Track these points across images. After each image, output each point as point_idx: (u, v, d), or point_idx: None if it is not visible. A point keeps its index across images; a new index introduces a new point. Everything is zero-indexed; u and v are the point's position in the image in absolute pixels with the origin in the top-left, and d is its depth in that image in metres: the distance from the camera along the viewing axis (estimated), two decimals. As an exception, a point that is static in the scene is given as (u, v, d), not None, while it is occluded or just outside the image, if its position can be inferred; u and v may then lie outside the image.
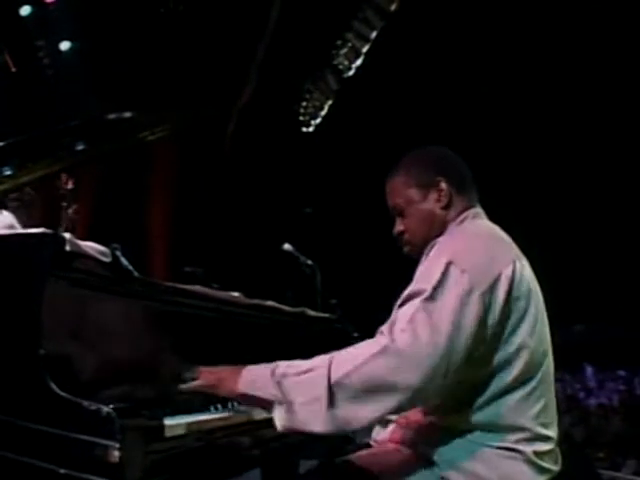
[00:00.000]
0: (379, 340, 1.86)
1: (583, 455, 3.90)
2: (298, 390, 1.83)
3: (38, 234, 1.75)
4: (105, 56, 10.51)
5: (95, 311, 1.78)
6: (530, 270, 2.14)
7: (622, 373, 9.49)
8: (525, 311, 2.04)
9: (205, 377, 1.92)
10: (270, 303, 2.83)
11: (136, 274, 4.56)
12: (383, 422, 2.20)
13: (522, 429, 1.98)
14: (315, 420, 1.80)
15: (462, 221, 2.23)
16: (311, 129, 10.73)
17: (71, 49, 10.80)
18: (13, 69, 10.88)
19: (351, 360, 1.82)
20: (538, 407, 2.02)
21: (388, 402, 1.82)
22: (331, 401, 1.79)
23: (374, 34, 9.01)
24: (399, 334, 1.84)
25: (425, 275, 1.96)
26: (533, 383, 2.03)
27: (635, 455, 6.69)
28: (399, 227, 2.30)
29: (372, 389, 1.80)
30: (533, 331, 2.05)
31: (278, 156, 10.89)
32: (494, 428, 1.96)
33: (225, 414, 1.93)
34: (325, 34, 9.45)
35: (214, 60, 10.25)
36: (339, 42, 9.43)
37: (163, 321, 2.02)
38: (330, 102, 10.27)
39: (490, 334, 1.96)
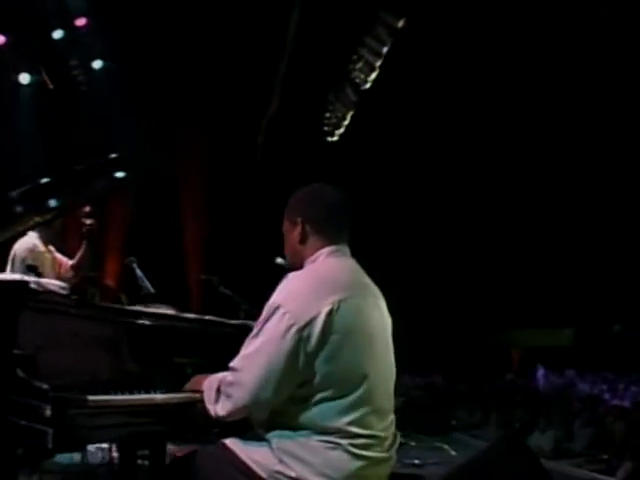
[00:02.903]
0: (233, 364, 2.89)
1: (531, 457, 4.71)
2: (210, 393, 2.90)
3: (13, 281, 3.08)
4: (136, 73, 11.78)
5: (51, 325, 3.05)
6: (367, 307, 2.92)
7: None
8: (342, 343, 2.76)
9: (193, 380, 3.16)
10: (208, 317, 4.08)
11: (150, 287, 5.87)
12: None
13: (340, 430, 2.81)
14: (211, 409, 2.89)
15: (315, 259, 2.96)
16: (335, 138, 11.90)
17: (103, 67, 12.01)
18: (50, 86, 12.35)
19: (222, 379, 2.90)
20: (356, 415, 2.79)
21: (227, 404, 2.86)
22: (216, 398, 2.88)
23: (385, 49, 10.14)
24: (235, 364, 2.86)
25: (263, 313, 2.88)
26: (351, 399, 2.78)
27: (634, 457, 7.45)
28: None
29: (221, 397, 2.87)
30: (352, 358, 2.79)
31: (306, 163, 12.12)
32: (319, 428, 2.81)
33: (134, 397, 3.17)
34: (341, 50, 10.62)
35: (241, 75, 11.51)
36: (354, 57, 10.61)
37: (100, 332, 3.29)
38: (351, 113, 11.44)
39: (307, 360, 2.74)
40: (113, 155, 4.69)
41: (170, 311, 4.83)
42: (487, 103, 10.32)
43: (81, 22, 11.18)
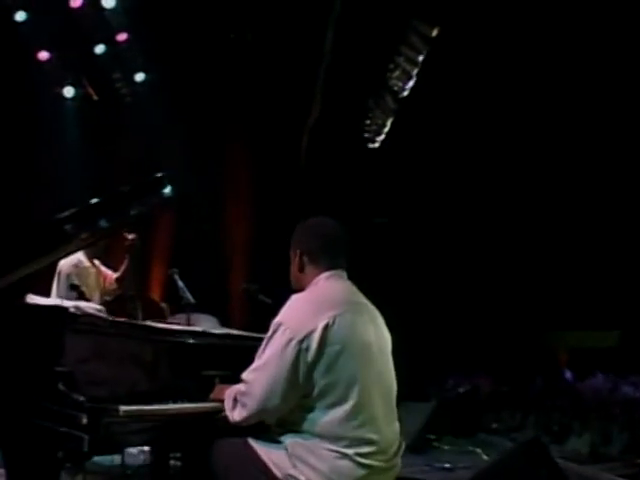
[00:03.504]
0: (244, 376, 3.38)
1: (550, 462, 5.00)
2: (229, 402, 3.39)
3: (54, 307, 3.65)
4: (179, 84, 12.32)
5: (89, 344, 3.58)
6: (370, 326, 3.41)
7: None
8: (338, 354, 3.21)
9: (216, 390, 3.71)
10: (234, 332, 4.60)
11: (190, 297, 6.41)
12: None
13: (345, 437, 3.19)
14: (229, 415, 3.39)
15: (316, 283, 3.45)
16: (376, 145, 12.36)
17: (146, 80, 12.60)
18: (95, 98, 12.98)
19: (238, 389, 3.39)
20: (357, 422, 3.21)
21: (242, 412, 3.36)
22: (233, 406, 3.38)
23: (421, 58, 10.60)
24: (246, 376, 3.36)
25: (269, 330, 3.36)
26: (348, 406, 3.20)
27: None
28: None
29: (237, 405, 3.36)
30: (345, 367, 3.22)
31: (349, 170, 12.61)
32: (326, 436, 3.24)
33: (163, 407, 3.69)
34: (378, 58, 11.09)
35: (282, 84, 12.02)
36: (391, 66, 11.07)
37: (133, 349, 3.81)
38: (391, 120, 11.89)
39: (308, 370, 3.19)
40: (158, 174, 5.22)
41: (209, 320, 5.40)
42: (523, 107, 10.64)
43: (122, 37, 11.73)
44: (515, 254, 11.94)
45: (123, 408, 3.36)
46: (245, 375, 3.37)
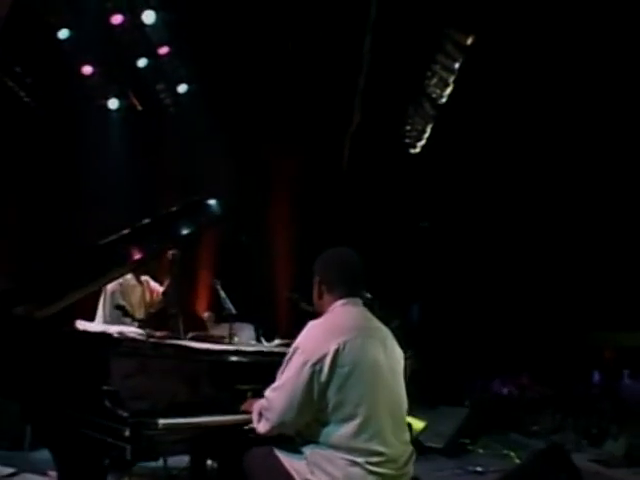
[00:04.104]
0: (267, 394, 3.92)
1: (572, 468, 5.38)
2: (255, 415, 3.94)
3: (101, 334, 4.29)
4: (221, 94, 12.92)
5: (132, 365, 4.20)
6: (380, 348, 3.91)
7: None
8: (348, 374, 3.70)
9: (247, 403, 4.24)
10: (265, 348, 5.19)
11: (231, 308, 7.07)
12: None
13: (356, 449, 3.69)
14: (256, 427, 3.94)
15: (332, 310, 3.97)
16: (417, 150, 12.90)
17: (188, 90, 13.25)
18: (139, 108, 13.65)
19: (262, 404, 3.93)
20: (366, 435, 3.71)
21: (265, 425, 3.91)
22: (258, 419, 3.95)
23: (457, 65, 11.12)
24: (269, 394, 3.90)
25: (289, 351, 3.92)
26: (357, 421, 3.70)
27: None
28: None
29: (262, 419, 3.91)
30: (355, 386, 3.70)
31: (391, 175, 13.15)
32: (340, 447, 3.75)
33: (199, 419, 4.29)
34: (415, 66, 11.63)
35: (322, 92, 12.59)
36: (428, 73, 11.61)
37: (171, 367, 4.42)
38: (431, 126, 12.43)
39: (321, 389, 3.69)
40: (206, 198, 5.80)
41: (249, 329, 5.98)
42: (556, 110, 11.07)
43: (163, 51, 12.36)
44: (559, 255, 12.27)
45: (162, 421, 3.94)
46: (267, 393, 3.91)
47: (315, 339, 3.83)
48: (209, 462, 5.27)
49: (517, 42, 10.43)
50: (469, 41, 10.57)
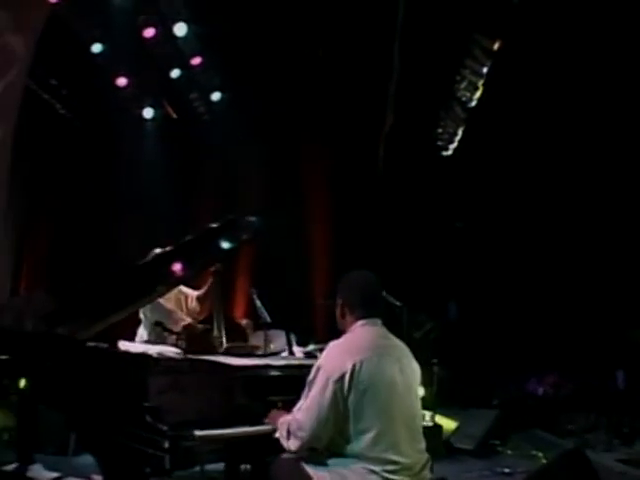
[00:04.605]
0: (295, 414, 4.35)
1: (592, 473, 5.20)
2: (282, 431, 4.42)
3: (141, 355, 4.86)
4: (254, 100, 13.37)
5: (170, 382, 4.75)
6: (395, 366, 4.32)
7: None
8: (366, 390, 4.13)
9: (272, 415, 4.72)
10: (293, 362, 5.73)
11: (267, 317, 7.68)
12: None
13: (373, 459, 4.11)
14: (284, 443, 4.40)
15: (353, 330, 4.41)
16: (449, 152, 13.38)
17: (222, 98, 13.82)
18: (174, 116, 14.23)
19: (290, 421, 4.38)
20: (382, 446, 4.12)
21: (296, 442, 4.36)
22: (287, 437, 4.40)
23: (485, 69, 11.60)
24: (298, 415, 4.33)
25: (311, 373, 4.35)
26: (373, 433, 4.12)
27: None
28: None
29: (291, 437, 4.36)
30: (371, 402, 4.13)
31: (425, 177, 13.63)
32: (359, 457, 4.20)
33: (232, 430, 4.82)
34: (444, 71, 12.11)
35: (355, 96, 13.10)
36: (458, 77, 12.09)
37: (207, 383, 4.96)
38: (462, 128, 12.90)
39: (344, 404, 4.12)
40: (244, 215, 6.29)
41: (282, 337, 6.48)
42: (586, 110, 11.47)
43: (196, 61, 12.91)
44: (595, 252, 12.55)
45: (198, 433, 4.45)
46: (297, 414, 4.36)
47: (335, 358, 4.29)
48: (243, 466, 5.79)
49: (543, 45, 10.85)
50: (496, 46, 10.98)
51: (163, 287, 5.99)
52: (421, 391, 9.32)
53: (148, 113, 14.12)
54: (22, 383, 5.44)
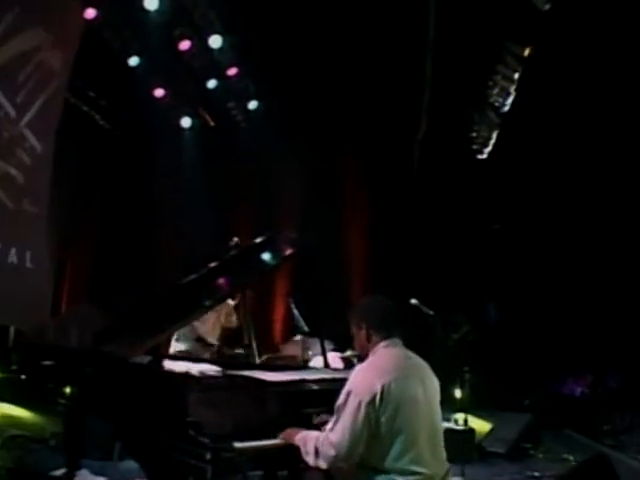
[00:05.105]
0: (328, 435, 4.72)
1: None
2: (306, 448, 4.87)
3: (184, 375, 5.42)
4: (290, 107, 13.98)
5: (211, 398, 5.30)
6: (418, 384, 4.74)
7: None
8: (394, 409, 4.53)
9: (287, 432, 5.15)
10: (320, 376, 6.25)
11: (304, 326, 8.31)
12: None
13: (399, 470, 4.53)
14: (309, 459, 4.85)
15: (375, 351, 4.79)
16: (484, 156, 13.85)
17: (259, 106, 14.43)
18: (212, 124, 14.81)
19: (320, 439, 4.78)
20: (407, 459, 4.54)
21: (328, 461, 4.76)
22: (315, 454, 4.84)
23: (517, 75, 12.07)
24: (332, 437, 4.69)
25: (341, 395, 4.73)
26: (399, 448, 4.54)
27: None
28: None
29: (321, 456, 4.77)
30: (399, 419, 4.54)
31: (461, 180, 14.08)
32: (386, 469, 4.64)
33: (269, 442, 5.34)
34: (477, 76, 12.58)
35: (389, 101, 13.59)
36: (490, 83, 12.57)
37: (246, 397, 5.50)
38: (496, 132, 13.37)
39: (375, 424, 4.50)
40: (286, 233, 6.73)
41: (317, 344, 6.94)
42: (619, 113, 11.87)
43: (232, 72, 13.50)
44: (634, 252, 12.84)
45: (237, 445, 4.96)
46: (330, 434, 4.76)
47: (364, 381, 4.71)
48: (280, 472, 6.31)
49: (572, 51, 11.28)
50: (526, 52, 11.44)
51: (210, 302, 6.43)
52: (458, 393, 9.85)
53: (186, 122, 14.75)
54: (68, 389, 5.91)
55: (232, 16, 12.53)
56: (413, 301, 8.92)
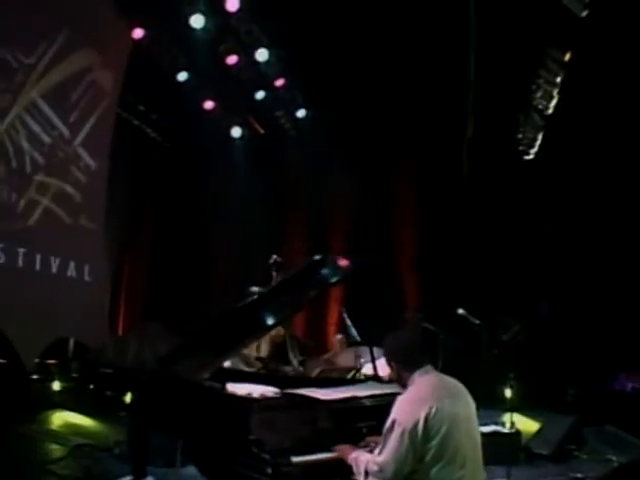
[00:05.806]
0: (375, 459, 5.32)
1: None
2: (358, 469, 5.47)
3: (247, 399, 6.22)
4: (338, 114, 14.63)
5: (270, 417, 6.07)
6: (457, 403, 5.20)
7: None
8: (437, 432, 4.97)
9: (340, 448, 5.82)
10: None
11: (356, 335, 9.13)
12: None
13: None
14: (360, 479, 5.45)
15: (412, 382, 5.23)
16: (531, 157, 14.50)
17: (307, 114, 15.16)
18: (261, 131, 15.58)
19: (370, 463, 5.37)
20: (452, 467, 5.03)
21: None
22: (365, 476, 5.43)
23: (559, 79, 12.72)
24: (381, 463, 5.24)
25: (388, 421, 5.26)
26: (443, 462, 5.01)
27: None
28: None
29: (369, 475, 5.37)
30: (441, 439, 4.99)
31: (509, 180, 14.72)
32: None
33: (323, 455, 6.08)
34: (521, 81, 13.24)
35: (437, 105, 14.26)
36: (533, 87, 13.24)
37: (302, 414, 6.24)
38: (541, 134, 14.02)
39: (420, 447, 4.94)
40: (339, 259, 7.07)
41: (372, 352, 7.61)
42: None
43: (280, 83, 14.25)
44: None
45: (294, 459, 5.61)
46: (378, 459, 5.33)
47: (407, 411, 5.26)
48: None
49: (612, 55, 11.85)
50: (567, 57, 12.09)
51: (274, 322, 6.97)
52: (508, 392, 10.43)
53: (236, 132, 15.53)
54: (127, 398, 6.56)
55: (277, 29, 13.18)
56: (460, 311, 9.50)
